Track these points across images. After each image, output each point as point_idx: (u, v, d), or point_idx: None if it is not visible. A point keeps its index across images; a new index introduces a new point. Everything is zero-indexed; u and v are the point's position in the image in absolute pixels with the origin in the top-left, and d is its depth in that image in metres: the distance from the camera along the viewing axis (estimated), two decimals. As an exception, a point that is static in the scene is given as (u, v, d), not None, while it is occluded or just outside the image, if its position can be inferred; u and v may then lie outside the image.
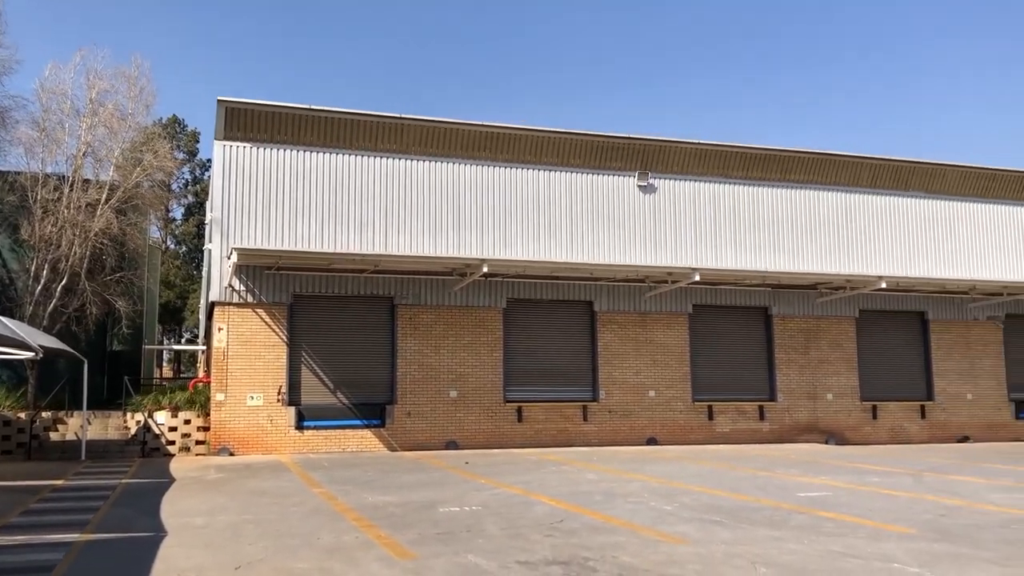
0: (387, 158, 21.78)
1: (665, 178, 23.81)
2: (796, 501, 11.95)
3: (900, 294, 25.47)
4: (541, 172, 22.88)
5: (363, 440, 21.09)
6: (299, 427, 20.63)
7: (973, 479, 15.02)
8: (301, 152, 21.15)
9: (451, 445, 21.50)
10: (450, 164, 22.18)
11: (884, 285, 23.19)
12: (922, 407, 25.54)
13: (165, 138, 32.38)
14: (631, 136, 23.43)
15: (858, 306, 25.30)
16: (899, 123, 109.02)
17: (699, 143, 23.86)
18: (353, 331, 21.68)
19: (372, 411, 21.36)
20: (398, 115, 21.74)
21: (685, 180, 23.99)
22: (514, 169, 22.72)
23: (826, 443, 24.01)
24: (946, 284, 24.81)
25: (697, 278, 21.84)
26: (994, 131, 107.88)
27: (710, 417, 23.64)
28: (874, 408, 25.02)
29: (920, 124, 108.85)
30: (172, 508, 11.53)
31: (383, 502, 11.88)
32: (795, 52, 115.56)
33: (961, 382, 26.03)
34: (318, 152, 21.29)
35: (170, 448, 20.25)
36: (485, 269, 20.09)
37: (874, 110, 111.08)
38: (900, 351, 25.88)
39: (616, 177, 23.45)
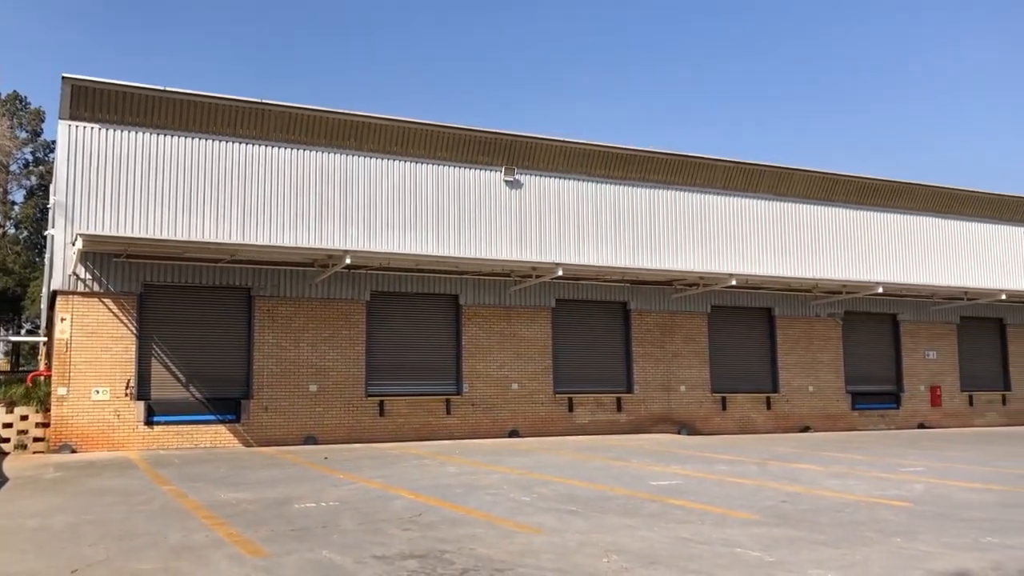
0: (247, 144, 21.08)
1: (531, 174, 24.09)
2: (649, 490, 12.35)
3: (749, 291, 26.73)
4: (408, 164, 22.70)
5: (217, 436, 20.38)
6: (148, 422, 19.72)
7: (812, 467, 15.94)
8: (154, 135, 20.18)
9: (310, 440, 21.07)
10: (314, 152, 21.69)
11: (735, 282, 24.29)
12: (768, 398, 26.90)
13: (4, 115, 30.22)
14: (498, 131, 23.56)
15: (710, 302, 26.39)
16: (769, 125, 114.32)
17: (565, 141, 24.25)
18: (208, 323, 20.90)
19: (227, 406, 20.66)
20: (259, 100, 21.07)
21: (551, 177, 24.34)
22: (380, 160, 22.45)
23: (679, 433, 24.95)
24: (791, 283, 26.21)
25: (560, 273, 22.23)
26: (849, 133, 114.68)
27: (570, 409, 24.12)
28: (724, 399, 26.17)
29: (788, 127, 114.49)
30: (2, 510, 10.79)
31: (236, 499, 11.51)
32: (673, 52, 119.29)
33: (804, 375, 27.57)
34: (173, 136, 20.37)
35: (3, 446, 18.94)
36: (348, 261, 19.77)
37: (747, 110, 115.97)
38: (748, 345, 27.16)
39: (483, 172, 23.54)
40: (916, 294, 28.75)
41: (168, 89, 20.18)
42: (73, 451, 18.76)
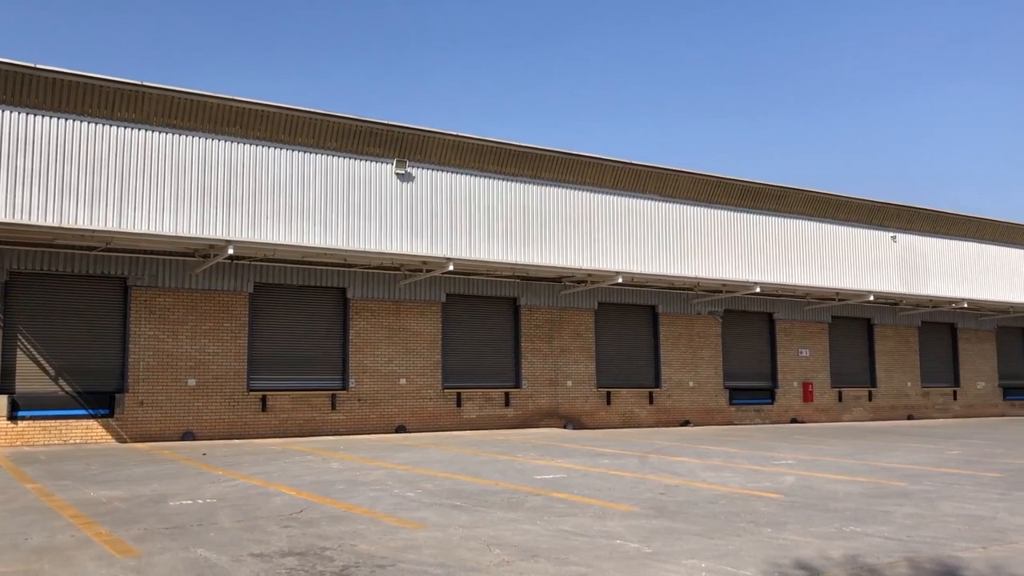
0: (125, 127, 20.16)
1: (423, 167, 23.93)
2: (533, 484, 12.48)
3: (635, 289, 27.37)
4: (296, 153, 22.19)
5: (89, 431, 19.49)
6: (12, 417, 18.70)
7: (690, 460, 16.44)
8: (22, 114, 19.07)
9: (188, 436, 20.40)
10: (196, 138, 20.92)
11: (621, 280, 24.84)
12: (651, 393, 27.61)
13: None
14: (390, 123, 23.31)
15: (598, 299, 26.89)
16: (660, 125, 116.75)
17: (457, 135, 24.19)
18: (80, 314, 19.97)
19: (100, 400, 19.80)
20: (138, 81, 20.17)
21: (443, 171, 24.24)
22: (266, 148, 21.86)
23: (565, 427, 25.34)
24: (675, 281, 26.97)
25: (451, 268, 22.22)
26: (755, 138, 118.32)
27: (459, 404, 24.15)
28: (608, 394, 26.72)
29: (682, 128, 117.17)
30: None
31: (107, 497, 11.02)
32: (565, 52, 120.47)
33: (685, 371, 28.42)
34: (44, 116, 19.29)
35: None
36: (231, 251, 19.22)
37: (644, 110, 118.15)
38: (633, 342, 27.81)
39: (374, 163, 23.25)
40: (791, 294, 30.04)
41: (39, 67, 19.10)
42: (-73, 448, 17.62)
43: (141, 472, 13.87)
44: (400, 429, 23.11)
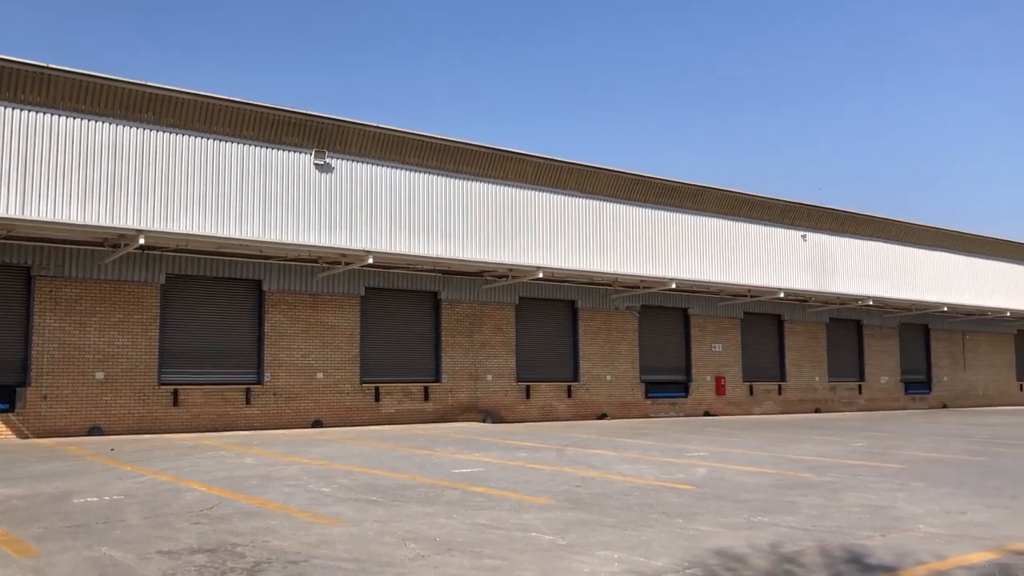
0: (30, 111, 19.35)
1: (343, 159, 23.63)
2: (451, 478, 12.49)
3: (555, 284, 27.60)
4: (211, 141, 21.65)
5: (-13, 427, 18.68)
6: (-97, 413, 17.80)
7: (606, 452, 16.67)
8: (-83, 94, 18.13)
9: (95, 431, 19.75)
10: (107, 124, 20.22)
11: (542, 275, 25.01)
12: (569, 387, 27.91)
13: None
14: (309, 112, 22.93)
15: (519, 294, 27.03)
16: (585, 122, 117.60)
17: (378, 127, 23.96)
18: (-21, 304, 19.11)
19: (0, 394, 18.99)
20: (44, 64, 19.36)
21: (363, 162, 23.98)
22: (181, 135, 21.26)
23: (484, 421, 25.40)
24: (593, 276, 27.29)
25: (371, 261, 22.03)
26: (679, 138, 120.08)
27: (377, 398, 23.97)
28: (528, 388, 26.90)
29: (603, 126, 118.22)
30: None
31: (5, 495, 10.59)
32: (498, 48, 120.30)
33: (603, 365, 28.80)
34: (-60, 96, 18.38)
35: None
36: (142, 241, 18.67)
37: (568, 107, 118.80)
38: (553, 336, 28.05)
39: (292, 154, 22.85)
40: (705, 290, 30.71)
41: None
42: None
43: (44, 469, 13.37)
44: (316, 424, 22.82)
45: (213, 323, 22.05)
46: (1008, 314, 39.84)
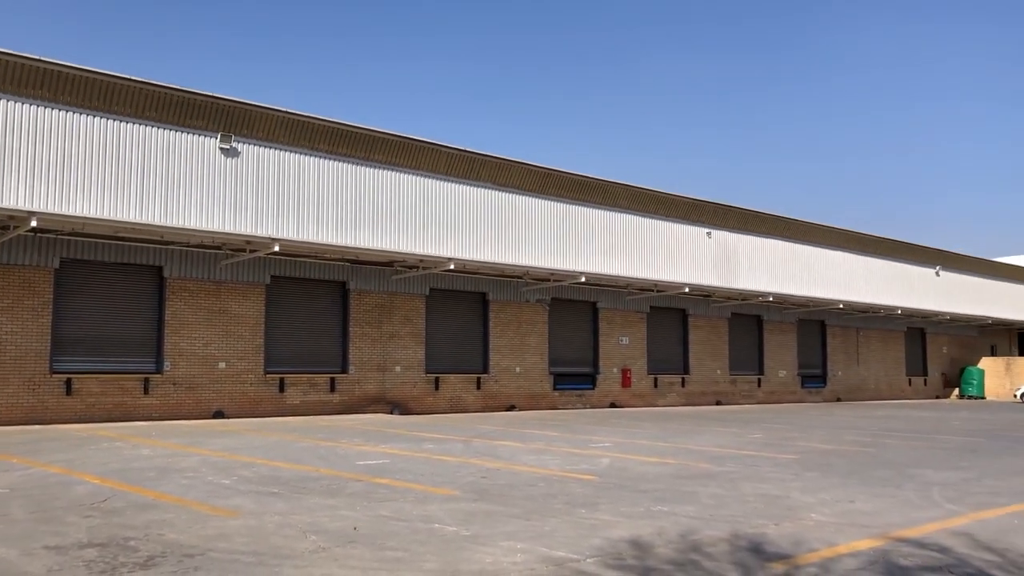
0: (-89, 82, 18.24)
1: (250, 143, 23.02)
2: (355, 469, 12.36)
3: (466, 275, 27.59)
4: (111, 121, 20.78)
5: None
6: None
7: (513, 444, 16.77)
8: None
9: (-20, 421, 18.82)
10: (-4, 99, 19.19)
11: (453, 266, 24.96)
12: (478, 379, 27.96)
13: None
14: (215, 95, 22.24)
15: (429, 285, 26.92)
16: (496, 115, 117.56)
17: (288, 112, 23.41)
18: None
19: None
20: (-72, 33, 18.26)
21: (271, 148, 23.39)
22: (78, 114, 20.32)
23: (391, 413, 25.23)
24: (505, 269, 27.37)
25: (277, 249, 21.60)
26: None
27: (281, 389, 23.54)
28: (437, 380, 26.83)
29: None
30: None
31: None
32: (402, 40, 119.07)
33: (512, 357, 28.95)
34: None
35: None
36: (34, 223, 17.88)
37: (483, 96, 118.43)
38: (463, 328, 28.05)
39: (197, 137, 22.14)
40: (614, 284, 31.18)
41: None
42: None
43: (-79, 461, 12.67)
44: (218, 415, 22.27)
45: (110, 310, 21.27)
46: (899, 312, 41.75)
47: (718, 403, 35.42)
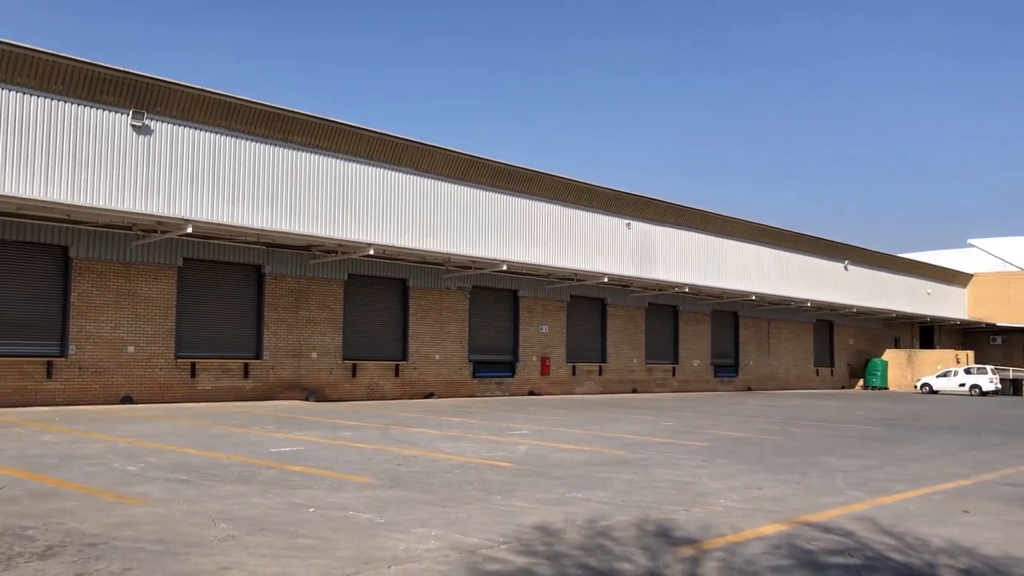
0: None
1: (164, 121, 22.33)
2: (268, 457, 12.15)
3: (386, 262, 27.31)
4: (14, 94, 19.89)
5: None
6: None
7: (430, 431, 16.72)
8: None
9: None
10: None
11: (372, 252, 24.65)
12: (397, 366, 27.76)
13: None
14: (127, 70, 21.49)
15: (348, 270, 26.57)
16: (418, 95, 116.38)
17: (203, 90, 22.78)
18: None
19: None
20: None
21: (186, 126, 22.75)
22: (-23, 85, 19.40)
23: (307, 400, 24.87)
24: (426, 256, 27.20)
25: (190, 230, 21.01)
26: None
27: (193, 375, 22.96)
28: (354, 366, 26.54)
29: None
30: None
31: None
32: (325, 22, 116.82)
33: (432, 344, 28.83)
34: None
35: None
36: (-72, 198, 16.95)
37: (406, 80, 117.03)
38: (382, 314, 27.79)
39: (107, 113, 21.38)
40: (535, 273, 31.32)
41: None
42: None
43: None
44: (126, 400, 21.60)
45: (11, 291, 20.37)
46: (809, 304, 43.09)
47: (634, 391, 35.99)
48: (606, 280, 32.34)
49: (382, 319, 27.81)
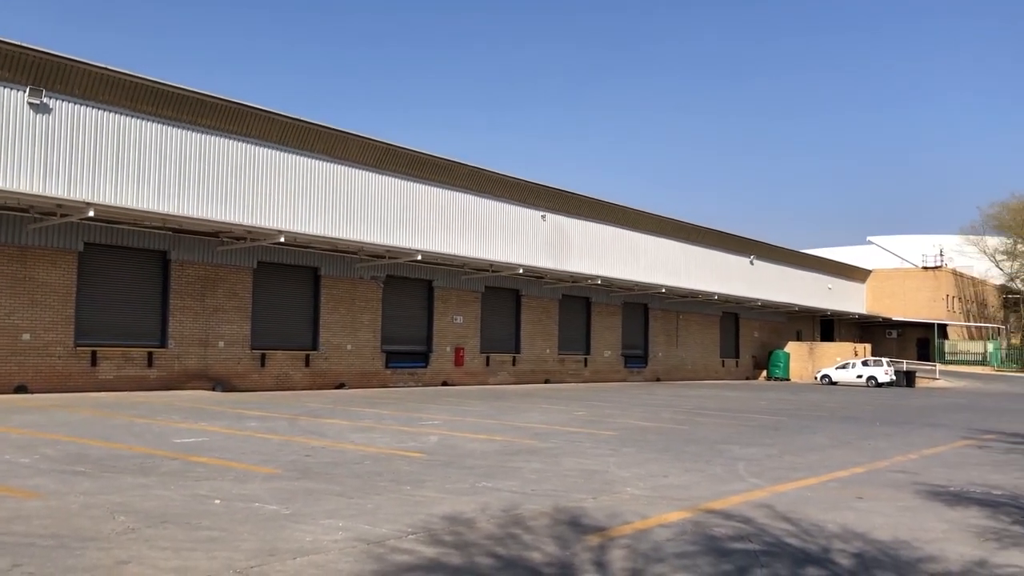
0: None
1: (64, 100, 21.40)
2: (172, 448, 11.83)
3: (297, 249, 26.82)
4: (-103, 65, 18.77)
5: None
6: None
7: (341, 422, 16.55)
8: None
9: None
10: None
11: (283, 239, 24.18)
12: (307, 356, 27.34)
13: None
14: (23, 45, 20.49)
15: (257, 257, 26.01)
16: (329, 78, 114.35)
17: (105, 68, 21.91)
18: None
19: None
20: None
21: (88, 106, 21.85)
22: None
23: (214, 390, 24.28)
24: (338, 244, 26.82)
25: (92, 214, 20.21)
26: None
27: (93, 363, 22.15)
28: (263, 356, 26.02)
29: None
30: None
31: None
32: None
33: (344, 334, 28.47)
34: None
35: None
36: None
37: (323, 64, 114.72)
38: (293, 303, 27.30)
39: (2, 89, 20.36)
40: (450, 263, 31.24)
41: None
42: None
43: None
44: (21, 389, 20.70)
45: None
46: (716, 297, 44.20)
47: (547, 381, 36.30)
48: (521, 271, 32.50)
49: (293, 308, 27.32)
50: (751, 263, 49.30)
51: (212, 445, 12.28)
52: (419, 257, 28.23)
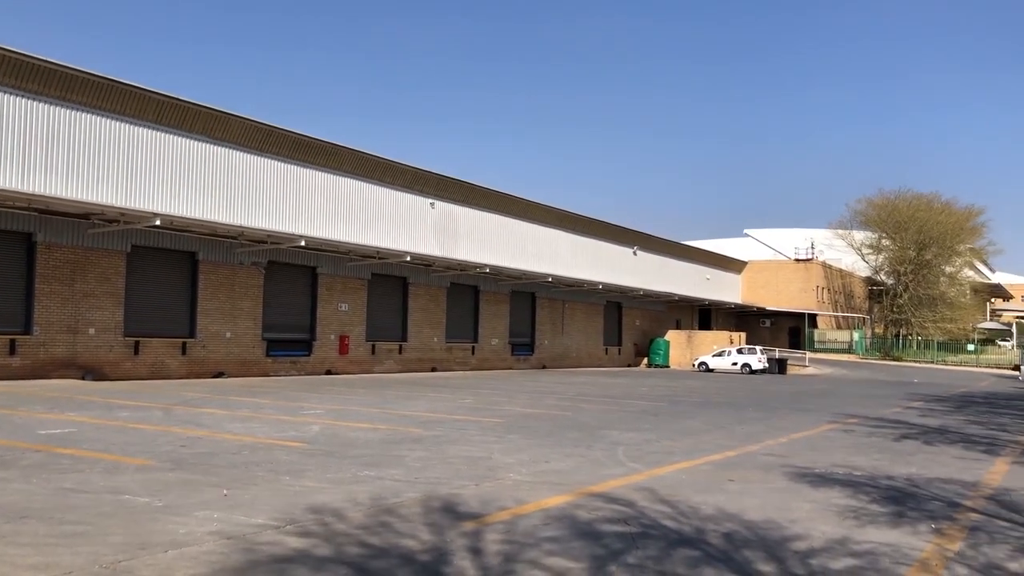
0: None
1: (-86, 69, 19.93)
2: (35, 439, 11.25)
3: (174, 233, 25.84)
4: None
5: None
6: None
7: (218, 411, 16.10)
8: None
9: None
10: None
11: (159, 223, 23.25)
12: (184, 344, 26.42)
13: None
14: None
15: (131, 241, 24.94)
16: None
17: (-37, 36, 20.52)
18: None
19: None
20: None
21: (-58, 76, 20.42)
22: None
23: (83, 379, 23.19)
24: (218, 228, 25.99)
25: (-55, 192, 18.94)
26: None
27: (-51, 351, 20.80)
28: (137, 344, 25.00)
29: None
30: None
31: None
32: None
33: (223, 321, 27.64)
34: None
35: None
36: None
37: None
38: (169, 289, 26.31)
39: None
40: (335, 250, 30.74)
41: None
42: None
43: None
44: None
45: None
46: (600, 287, 45.10)
47: (434, 369, 36.24)
48: (408, 259, 32.29)
49: (169, 294, 26.33)
50: (634, 254, 50.47)
51: (80, 436, 11.75)
52: (303, 243, 27.68)
